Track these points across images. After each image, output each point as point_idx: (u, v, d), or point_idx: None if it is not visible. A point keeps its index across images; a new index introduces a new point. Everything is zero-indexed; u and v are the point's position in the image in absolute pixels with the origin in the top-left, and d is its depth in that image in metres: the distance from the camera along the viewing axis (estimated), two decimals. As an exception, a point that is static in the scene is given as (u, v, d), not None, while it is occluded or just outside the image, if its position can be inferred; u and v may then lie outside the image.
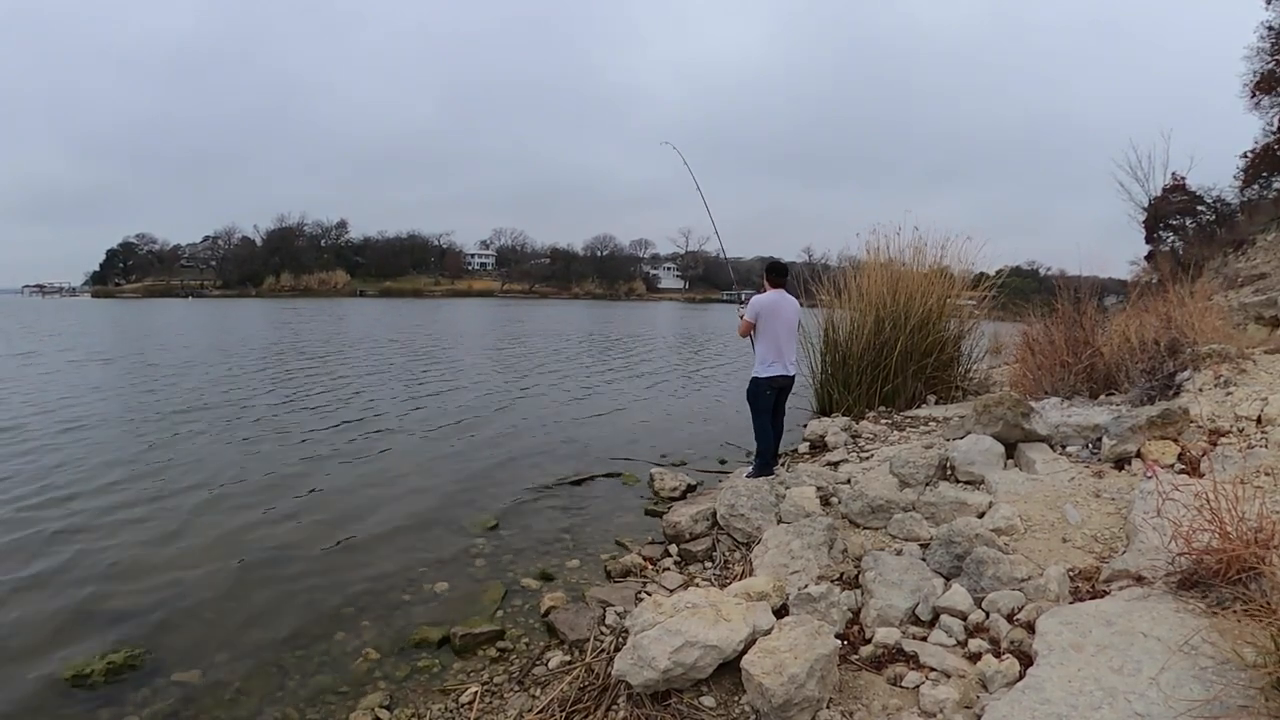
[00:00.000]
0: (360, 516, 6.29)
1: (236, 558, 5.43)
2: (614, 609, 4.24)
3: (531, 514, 6.37)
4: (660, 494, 6.83)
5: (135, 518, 6.26)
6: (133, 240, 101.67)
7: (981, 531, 3.99)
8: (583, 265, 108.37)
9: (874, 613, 3.58)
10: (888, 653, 3.32)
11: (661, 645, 3.03)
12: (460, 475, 7.61)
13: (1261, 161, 22.91)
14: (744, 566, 4.59)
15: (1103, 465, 5.57)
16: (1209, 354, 7.72)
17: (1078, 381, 8.22)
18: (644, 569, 4.93)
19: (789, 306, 6.48)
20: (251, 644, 4.23)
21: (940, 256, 11.12)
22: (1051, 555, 4.12)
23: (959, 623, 3.44)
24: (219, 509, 6.50)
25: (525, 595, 4.76)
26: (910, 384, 10.42)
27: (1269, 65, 21.76)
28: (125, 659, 4.03)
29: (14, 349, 20.82)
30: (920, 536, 4.56)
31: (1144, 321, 8.70)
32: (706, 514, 5.51)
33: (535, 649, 4.02)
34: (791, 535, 4.40)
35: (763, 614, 3.35)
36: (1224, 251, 21.17)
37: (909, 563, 3.91)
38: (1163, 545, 3.67)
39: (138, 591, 4.88)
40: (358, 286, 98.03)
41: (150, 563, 5.34)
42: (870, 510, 4.99)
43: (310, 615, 4.56)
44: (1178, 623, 3.10)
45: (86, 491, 6.91)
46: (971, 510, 4.76)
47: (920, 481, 5.54)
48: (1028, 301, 11.49)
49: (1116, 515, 4.66)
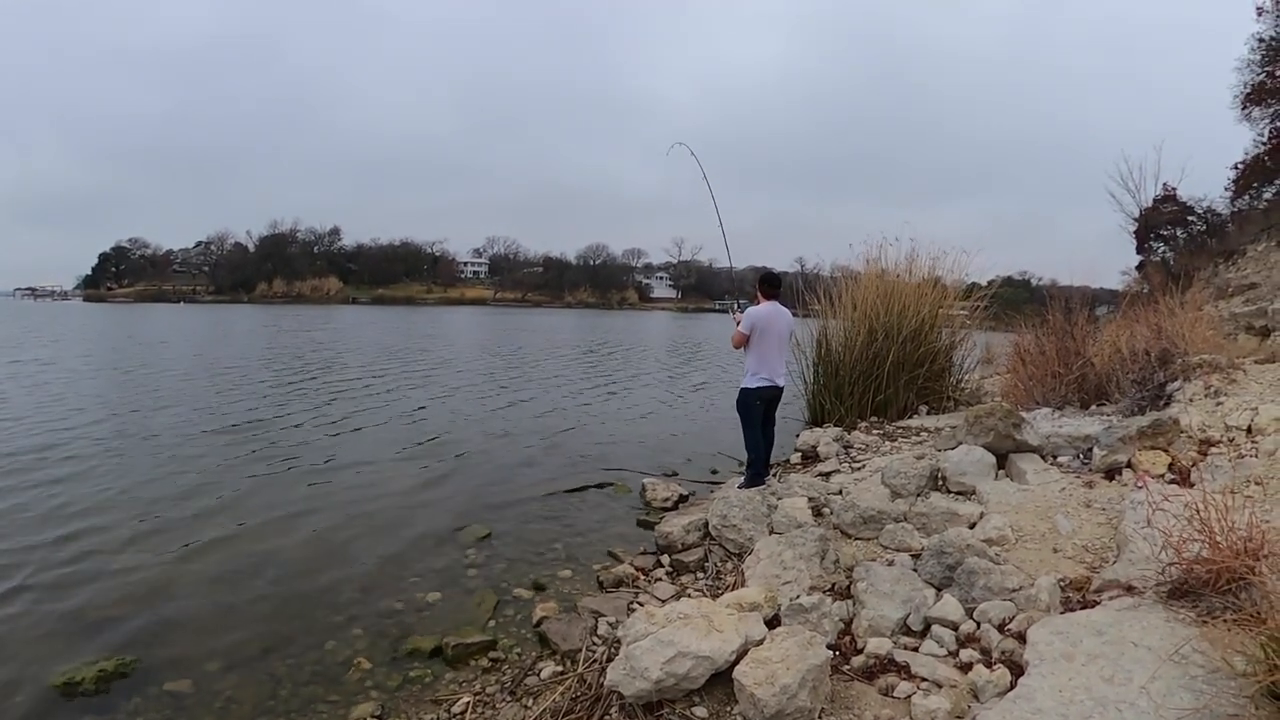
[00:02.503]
0: (352, 526, 6.26)
1: (228, 566, 5.39)
2: (606, 619, 4.23)
3: (524, 524, 6.35)
4: (652, 504, 6.82)
5: (127, 526, 6.21)
6: (125, 244, 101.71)
7: (973, 542, 4.00)
8: (576, 274, 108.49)
9: (866, 623, 3.58)
10: (879, 663, 3.33)
11: (654, 656, 3.03)
12: (453, 485, 7.59)
13: (1252, 172, 23.05)
14: (736, 577, 4.59)
15: (1094, 475, 5.59)
16: (1199, 364, 7.77)
17: (1069, 392, 8.25)
18: (636, 579, 4.93)
19: (783, 319, 6.50)
20: (243, 653, 4.20)
21: (933, 268, 11.19)
22: (1043, 565, 4.14)
23: (950, 633, 3.45)
24: (211, 518, 6.45)
25: (517, 605, 4.75)
26: (902, 394, 10.45)
27: (1259, 77, 21.92)
28: (116, 667, 4.00)
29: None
30: (912, 547, 4.58)
31: (1135, 332, 8.76)
32: (699, 524, 5.51)
33: (527, 659, 4.01)
34: (784, 546, 4.40)
35: (755, 624, 3.35)
36: (1215, 262, 21.30)
37: (900, 573, 3.92)
38: (1153, 555, 3.68)
39: (129, 599, 4.84)
40: (350, 294, 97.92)
41: (141, 570, 5.30)
42: (862, 521, 5.00)
43: (302, 624, 4.54)
44: (1168, 632, 3.11)
45: (80, 500, 6.86)
46: (963, 521, 4.78)
47: (912, 492, 5.56)
48: (1019, 312, 11.55)
49: (1107, 525, 4.68)
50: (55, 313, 57.32)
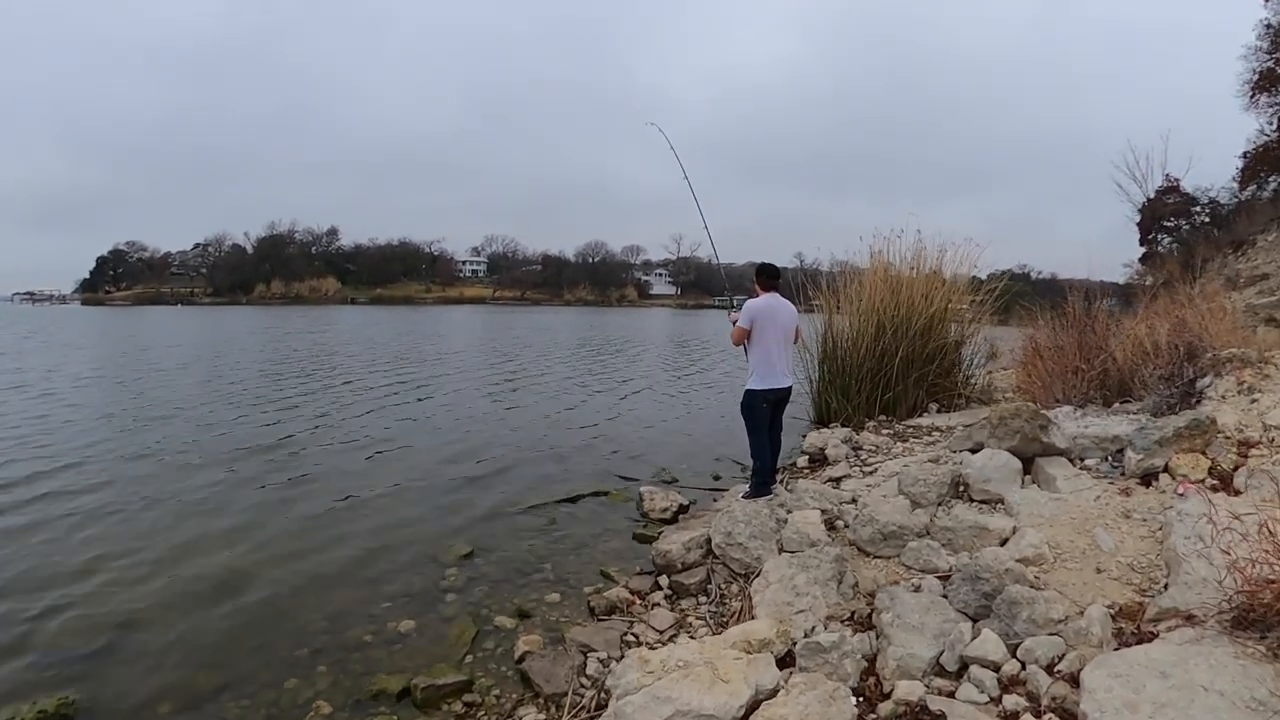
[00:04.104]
0: (323, 543, 5.79)
1: (185, 589, 4.95)
2: (596, 655, 3.76)
3: (510, 539, 5.86)
4: (650, 515, 6.34)
5: (74, 539, 5.81)
6: (123, 248, 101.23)
7: (1011, 566, 3.53)
8: (575, 271, 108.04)
9: (893, 663, 3.12)
10: (910, 711, 2.87)
11: (648, 715, 2.56)
12: (435, 496, 7.09)
13: (1260, 161, 22.61)
14: (743, 602, 4.12)
15: (1128, 481, 5.14)
16: (1230, 358, 7.32)
17: (1090, 389, 7.79)
18: (631, 605, 4.45)
19: (784, 311, 6.02)
20: (195, 692, 3.79)
21: (940, 261, 10.76)
22: (1087, 589, 3.68)
23: (991, 675, 2.99)
24: (170, 533, 6.00)
25: (498, 636, 4.26)
26: (912, 392, 10.02)
27: (1267, 64, 21.45)
28: (57, 706, 3.64)
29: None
30: (939, 568, 4.11)
31: (1154, 325, 8.30)
32: (700, 541, 5.02)
33: (506, 704, 3.54)
34: (795, 568, 3.94)
35: (766, 669, 2.89)
36: (1223, 252, 20.84)
37: (930, 601, 3.46)
38: (1211, 578, 3.29)
39: (76, 628, 4.42)
40: (349, 294, 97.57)
41: (90, 592, 4.88)
42: (881, 537, 4.54)
43: (261, 658, 4.10)
44: (1239, 672, 2.75)
45: (25, 513, 6.43)
46: (994, 537, 4.32)
47: (932, 501, 5.10)
48: (1020, 306, 11.17)
49: (1151, 539, 4.24)
50: (55, 317, 56.77)
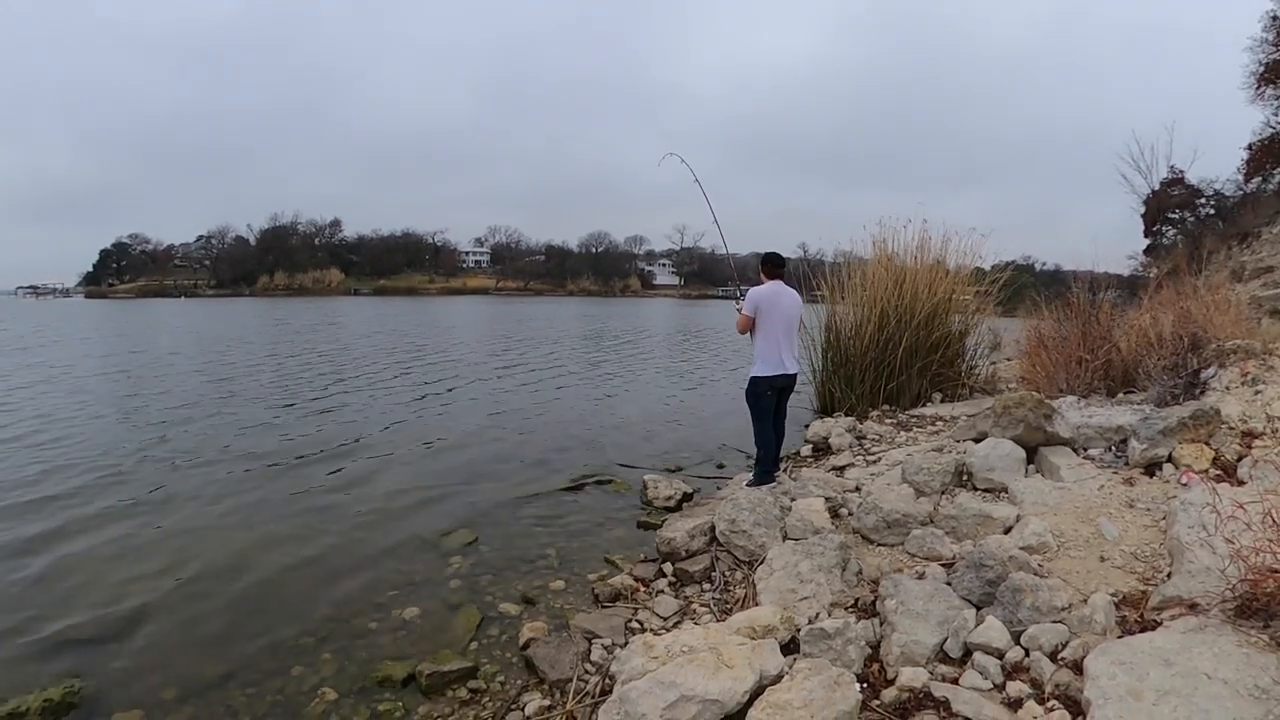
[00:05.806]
0: (327, 530, 5.81)
1: (190, 577, 4.96)
2: (601, 641, 3.77)
3: (514, 527, 5.88)
4: (654, 503, 6.35)
5: (80, 530, 5.82)
6: (126, 240, 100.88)
7: (1015, 554, 3.53)
8: (578, 262, 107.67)
9: (897, 649, 3.13)
10: (914, 698, 2.88)
11: (652, 700, 2.57)
12: (439, 484, 7.09)
13: (1265, 153, 22.45)
14: (746, 589, 4.13)
15: (1132, 471, 5.15)
16: (1234, 350, 7.30)
17: (1094, 379, 7.79)
18: (635, 592, 4.46)
19: (789, 299, 6.02)
20: (200, 680, 3.80)
21: (944, 251, 10.72)
22: (1091, 578, 3.69)
23: (995, 662, 3.00)
24: (174, 521, 6.02)
25: (503, 623, 4.27)
26: (915, 381, 10.02)
27: (1274, 56, 21.26)
28: (63, 695, 3.64)
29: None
30: (943, 555, 4.12)
31: (1158, 316, 8.28)
32: (704, 529, 5.03)
33: (511, 690, 3.55)
34: (800, 555, 3.94)
35: (770, 655, 2.90)
36: (1228, 245, 20.75)
37: (934, 588, 3.47)
38: (1215, 567, 3.29)
39: (80, 617, 4.42)
40: (352, 285, 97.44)
41: (95, 582, 4.89)
42: (885, 525, 4.54)
43: (266, 646, 4.11)
44: (1243, 660, 2.75)
45: (32, 503, 6.45)
46: (997, 525, 4.33)
47: (936, 490, 5.10)
48: (1025, 297, 11.15)
49: (1155, 529, 4.24)
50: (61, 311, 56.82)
